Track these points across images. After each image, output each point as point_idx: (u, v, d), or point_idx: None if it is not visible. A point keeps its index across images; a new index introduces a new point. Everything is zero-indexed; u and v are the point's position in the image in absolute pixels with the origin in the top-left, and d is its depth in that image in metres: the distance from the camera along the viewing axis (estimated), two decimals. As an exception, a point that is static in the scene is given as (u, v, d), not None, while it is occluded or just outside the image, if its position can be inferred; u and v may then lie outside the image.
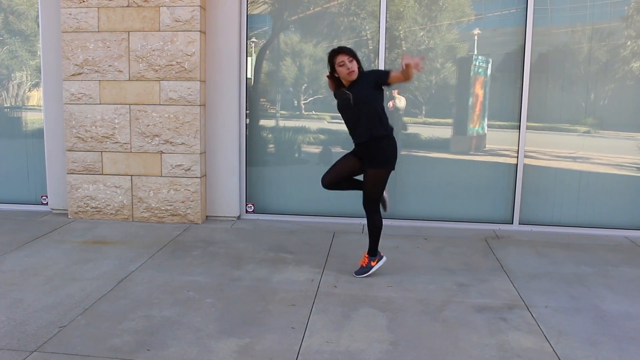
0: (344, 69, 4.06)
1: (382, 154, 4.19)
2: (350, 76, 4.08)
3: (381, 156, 4.19)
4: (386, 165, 4.21)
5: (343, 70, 4.07)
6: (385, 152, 4.20)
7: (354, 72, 4.07)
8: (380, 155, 4.18)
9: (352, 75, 4.07)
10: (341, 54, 4.08)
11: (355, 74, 4.09)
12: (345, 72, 4.07)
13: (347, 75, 4.09)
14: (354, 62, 4.08)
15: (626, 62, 5.78)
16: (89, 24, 5.75)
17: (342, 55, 4.07)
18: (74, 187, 6.01)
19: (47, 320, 3.48)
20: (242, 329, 3.42)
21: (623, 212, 5.91)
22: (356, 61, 4.10)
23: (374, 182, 4.23)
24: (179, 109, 5.76)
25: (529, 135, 5.89)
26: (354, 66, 4.07)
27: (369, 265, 4.38)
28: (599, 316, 3.69)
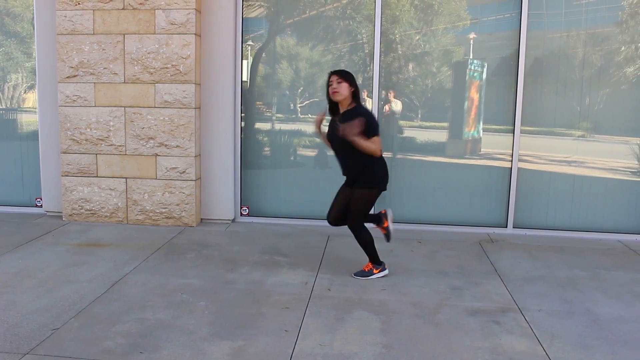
0: (330, 88, 4.13)
1: (368, 176, 4.19)
2: (334, 96, 4.12)
3: (368, 177, 4.19)
4: (373, 185, 4.21)
5: (330, 89, 4.14)
6: (372, 173, 4.19)
7: (337, 92, 4.09)
8: (366, 177, 4.19)
9: (335, 95, 4.11)
10: (334, 74, 4.15)
11: (339, 95, 4.11)
12: (330, 91, 4.13)
13: (331, 95, 4.14)
14: (342, 84, 4.09)
15: (620, 67, 5.81)
16: (85, 27, 5.75)
17: (334, 75, 4.14)
18: (69, 189, 6.00)
19: (40, 323, 3.47)
20: (236, 331, 3.42)
21: (617, 216, 5.93)
22: (349, 84, 4.11)
23: (359, 201, 4.23)
24: (174, 111, 5.76)
25: (524, 139, 5.91)
26: (341, 88, 4.09)
27: (371, 272, 4.42)
28: (591, 320, 3.70)
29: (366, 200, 4.23)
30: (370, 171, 4.18)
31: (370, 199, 4.24)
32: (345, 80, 4.10)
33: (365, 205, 4.25)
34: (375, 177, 4.20)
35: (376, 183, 4.21)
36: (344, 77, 4.11)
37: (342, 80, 4.09)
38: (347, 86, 4.10)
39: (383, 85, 6.03)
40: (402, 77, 6.07)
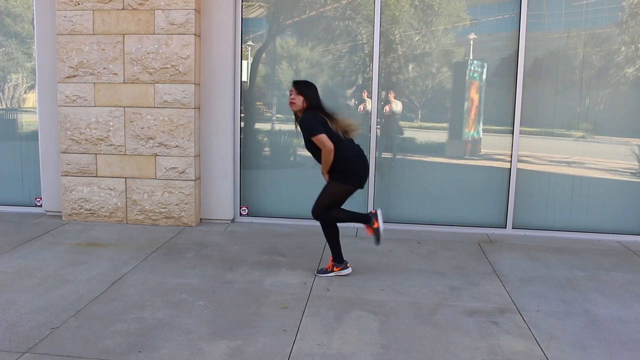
0: (289, 98, 4.37)
1: (341, 170, 4.29)
2: (290, 107, 4.37)
3: (340, 170, 4.29)
4: (346, 180, 4.30)
5: (289, 99, 4.37)
6: (345, 168, 4.29)
7: (293, 103, 4.32)
8: (340, 171, 4.29)
9: (292, 106, 4.35)
10: (293, 85, 4.37)
11: (295, 107, 4.33)
12: (289, 100, 4.37)
13: (289, 104, 4.38)
14: (299, 96, 4.29)
15: (620, 68, 5.81)
16: (84, 27, 5.76)
17: (293, 86, 4.36)
18: (68, 189, 6.01)
19: (39, 322, 3.48)
20: (234, 331, 3.42)
21: (616, 216, 5.94)
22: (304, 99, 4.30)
23: (327, 192, 4.35)
24: (174, 111, 5.77)
25: (523, 140, 5.92)
26: (297, 99, 4.30)
27: (331, 269, 4.48)
28: (590, 320, 3.70)
29: (335, 192, 4.33)
30: (343, 166, 4.28)
31: (340, 192, 4.33)
32: (300, 94, 4.30)
33: (332, 197, 4.34)
34: (348, 172, 4.28)
35: (349, 178, 4.29)
36: (301, 91, 4.31)
37: (298, 93, 4.30)
38: (302, 99, 4.29)
39: (383, 85, 6.04)
40: (402, 78, 6.07)
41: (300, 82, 4.40)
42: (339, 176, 4.30)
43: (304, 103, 4.30)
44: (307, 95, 4.32)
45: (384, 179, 6.14)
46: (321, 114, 4.28)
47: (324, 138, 4.18)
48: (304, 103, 4.30)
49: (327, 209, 4.36)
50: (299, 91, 4.30)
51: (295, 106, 4.32)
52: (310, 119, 4.25)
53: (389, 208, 6.13)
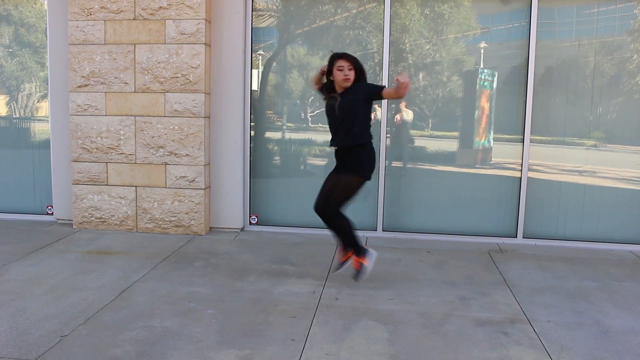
0: (341, 74, 4.10)
1: (355, 161, 4.18)
2: (344, 83, 4.12)
3: (354, 162, 4.18)
4: (358, 172, 4.17)
5: (339, 75, 4.11)
6: (360, 159, 4.18)
7: (349, 79, 4.10)
8: (353, 162, 4.18)
9: (347, 82, 4.11)
10: (343, 59, 4.11)
11: (350, 82, 4.12)
12: (341, 77, 4.11)
13: (341, 81, 4.13)
14: (352, 70, 4.10)
15: (633, 76, 5.78)
16: (96, 37, 5.82)
17: (344, 60, 4.11)
18: (79, 197, 6.05)
19: (49, 330, 3.50)
20: (243, 340, 3.42)
21: (628, 226, 5.88)
22: (355, 71, 4.11)
23: (341, 188, 4.19)
24: (184, 120, 5.80)
25: (534, 149, 5.89)
26: (352, 75, 4.10)
27: (363, 267, 4.30)
28: (602, 331, 3.66)
29: (349, 187, 4.18)
30: (359, 153, 4.17)
31: (353, 186, 4.19)
32: (355, 67, 4.10)
33: (346, 193, 4.20)
34: (362, 163, 4.17)
35: (362, 170, 4.17)
36: (355, 64, 4.11)
37: (352, 66, 4.09)
38: (354, 73, 4.12)
39: (392, 94, 6.03)
40: (412, 87, 6.07)
41: (350, 55, 4.16)
42: (353, 168, 4.17)
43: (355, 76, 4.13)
44: (363, 71, 4.17)
45: (394, 187, 6.12)
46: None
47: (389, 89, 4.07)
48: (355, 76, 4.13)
49: (340, 205, 4.25)
50: (355, 66, 4.11)
51: (350, 82, 4.12)
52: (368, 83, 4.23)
53: (398, 217, 6.12)
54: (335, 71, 4.13)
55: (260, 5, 6.16)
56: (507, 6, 5.92)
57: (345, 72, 4.09)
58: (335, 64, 4.13)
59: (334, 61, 4.15)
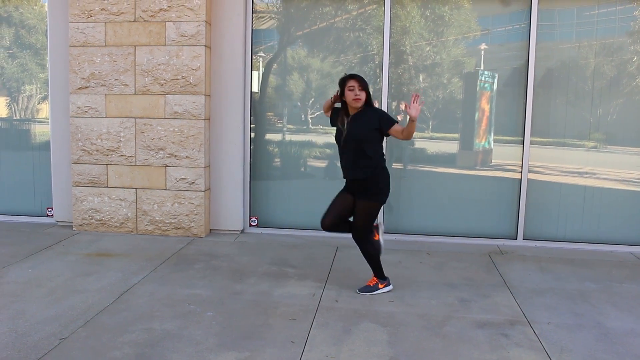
0: (352, 93, 4.08)
1: (373, 187, 4.18)
2: (356, 103, 4.09)
3: (372, 189, 4.17)
4: (377, 198, 4.19)
5: (350, 95, 4.09)
6: (377, 184, 4.19)
7: (360, 99, 4.08)
8: (371, 188, 4.17)
9: (358, 102, 4.09)
10: (353, 79, 4.12)
11: (361, 102, 4.10)
12: (352, 96, 4.08)
13: (352, 101, 4.10)
14: (363, 92, 4.09)
15: (633, 78, 5.77)
16: (96, 39, 5.82)
17: (354, 80, 4.11)
18: (79, 199, 6.05)
19: (48, 332, 3.49)
20: (242, 342, 3.41)
21: (628, 227, 5.87)
22: (365, 92, 4.12)
23: (363, 214, 4.20)
24: (184, 122, 5.80)
25: (534, 150, 5.88)
26: (362, 95, 4.09)
27: (376, 287, 4.35)
28: (602, 333, 3.66)
29: (370, 212, 4.20)
30: (376, 181, 4.18)
31: (374, 211, 4.21)
32: (364, 88, 4.12)
33: (370, 217, 4.22)
34: (380, 189, 4.20)
35: (380, 195, 4.21)
36: (365, 86, 4.13)
37: (362, 87, 4.10)
38: (365, 94, 4.12)
39: (393, 96, 6.04)
40: (412, 88, 6.07)
41: (360, 77, 4.17)
42: (372, 194, 4.18)
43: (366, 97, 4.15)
44: (368, 91, 4.18)
45: (394, 189, 6.11)
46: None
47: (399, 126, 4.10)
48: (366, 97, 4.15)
49: (368, 230, 4.30)
50: (363, 86, 4.11)
51: (362, 102, 4.11)
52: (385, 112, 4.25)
53: (399, 219, 6.12)
54: (347, 91, 4.12)
55: (261, 7, 6.16)
56: (507, 8, 5.93)
57: (356, 92, 4.08)
58: (346, 84, 4.13)
59: (345, 82, 4.16)
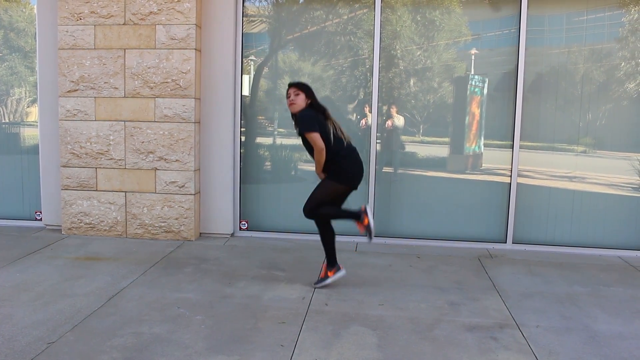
0: (288, 100, 4.37)
1: (336, 168, 4.33)
2: (291, 108, 4.37)
3: (335, 169, 4.33)
4: (340, 178, 4.34)
5: (287, 101, 4.38)
6: (339, 166, 4.32)
7: (293, 104, 4.33)
8: (335, 168, 4.33)
9: (291, 107, 4.35)
10: (291, 87, 4.38)
11: (295, 107, 4.33)
12: (288, 102, 4.37)
13: (288, 106, 4.40)
14: (300, 95, 4.32)
15: (621, 83, 5.82)
16: (86, 42, 5.80)
17: (290, 88, 4.37)
18: (68, 203, 6.01)
19: (36, 336, 3.46)
20: (231, 346, 3.40)
21: (617, 232, 5.91)
22: (305, 95, 4.33)
23: (321, 188, 4.38)
24: (174, 126, 5.78)
25: (524, 155, 5.91)
26: (297, 99, 4.31)
27: (326, 276, 4.49)
28: (590, 336, 3.67)
29: (329, 189, 4.36)
30: (337, 164, 4.32)
31: (334, 190, 4.36)
32: (302, 91, 4.33)
33: (326, 194, 4.36)
34: (342, 170, 4.33)
35: (342, 177, 4.34)
36: (303, 89, 4.34)
37: (299, 91, 4.32)
38: (303, 98, 4.32)
39: (384, 100, 6.05)
40: (403, 93, 6.09)
41: (298, 82, 4.44)
42: (332, 174, 4.35)
43: (305, 102, 4.34)
44: (308, 93, 4.37)
45: (384, 193, 6.13)
46: (319, 113, 4.35)
47: (317, 137, 4.22)
48: (305, 102, 4.34)
49: (318, 206, 4.38)
50: (299, 89, 4.33)
51: (297, 106, 4.33)
52: (308, 116, 4.30)
53: (389, 222, 6.12)
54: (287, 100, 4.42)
55: (252, 11, 6.16)
56: (497, 13, 5.96)
57: (291, 97, 4.34)
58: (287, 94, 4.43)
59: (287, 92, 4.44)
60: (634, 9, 5.73)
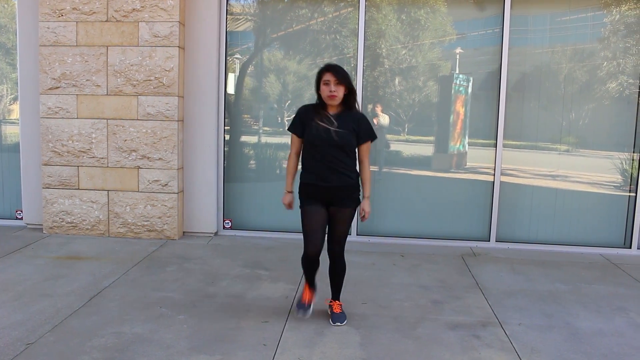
0: (327, 88, 3.52)
1: (356, 192, 3.70)
2: (331, 100, 3.53)
3: (356, 193, 3.69)
4: (358, 202, 3.74)
5: (325, 90, 3.53)
6: (358, 189, 3.72)
7: (336, 96, 3.52)
8: (355, 193, 3.68)
9: (334, 99, 3.52)
10: (329, 72, 3.53)
11: (337, 99, 3.54)
12: (327, 92, 3.52)
13: (327, 98, 3.54)
14: (340, 86, 3.52)
15: (603, 83, 5.87)
16: (67, 38, 5.73)
17: (330, 74, 3.52)
18: (50, 201, 5.94)
19: (14, 337, 3.42)
20: (214, 345, 3.38)
21: (598, 229, 5.96)
22: (345, 87, 3.55)
23: (347, 222, 3.71)
24: (157, 124, 5.74)
25: (507, 153, 5.94)
26: (339, 91, 3.52)
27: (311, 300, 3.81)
28: (571, 333, 3.70)
29: (352, 219, 3.73)
30: (358, 183, 3.71)
31: (353, 216, 3.76)
32: (343, 83, 3.53)
33: (350, 225, 3.78)
34: (359, 192, 3.73)
35: (359, 199, 3.74)
36: (343, 80, 3.53)
37: (339, 82, 3.51)
38: (343, 89, 3.55)
39: (369, 99, 6.05)
40: (388, 91, 6.10)
41: (338, 68, 3.56)
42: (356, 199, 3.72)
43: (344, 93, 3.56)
44: (350, 83, 3.58)
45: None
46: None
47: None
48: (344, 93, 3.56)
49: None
50: (342, 82, 3.53)
51: (338, 99, 3.54)
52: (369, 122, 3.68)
53: (373, 221, 6.12)
54: (322, 85, 3.56)
55: (236, 9, 6.13)
56: (481, 12, 5.98)
57: (332, 87, 3.51)
58: (322, 77, 3.57)
59: (321, 74, 3.59)
60: (616, 10, 5.78)
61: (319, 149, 3.58)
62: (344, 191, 3.63)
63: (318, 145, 3.58)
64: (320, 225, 3.64)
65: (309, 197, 3.66)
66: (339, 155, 3.58)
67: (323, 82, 3.55)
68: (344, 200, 3.65)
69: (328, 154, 3.57)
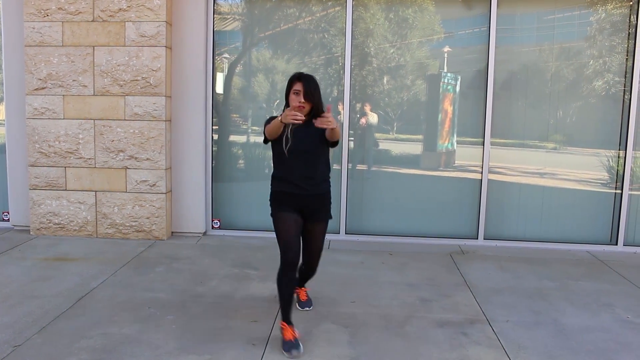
0: (296, 98, 3.37)
1: (329, 204, 3.66)
2: (299, 110, 3.31)
3: (329, 205, 3.66)
4: (330, 215, 3.70)
5: (294, 99, 3.38)
6: (330, 200, 3.68)
7: (304, 107, 3.36)
8: (328, 205, 3.65)
9: (301, 110, 3.34)
10: (301, 82, 3.39)
11: (305, 111, 3.37)
12: (296, 102, 3.36)
13: (295, 108, 3.32)
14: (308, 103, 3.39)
15: (590, 81, 5.91)
16: (53, 38, 5.69)
17: (300, 84, 3.38)
18: (37, 203, 5.90)
19: (1, 340, 3.39)
20: (202, 346, 3.38)
21: (585, 227, 6.01)
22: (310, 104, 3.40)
23: (322, 238, 3.69)
24: (144, 124, 5.71)
25: (494, 151, 5.98)
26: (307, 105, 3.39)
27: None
28: (558, 330, 3.73)
29: (325, 233, 3.70)
30: (329, 196, 3.66)
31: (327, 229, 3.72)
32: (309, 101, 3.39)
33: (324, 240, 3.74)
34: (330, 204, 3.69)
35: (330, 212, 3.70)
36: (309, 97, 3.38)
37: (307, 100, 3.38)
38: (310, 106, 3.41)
39: (358, 98, 6.06)
40: (377, 90, 6.11)
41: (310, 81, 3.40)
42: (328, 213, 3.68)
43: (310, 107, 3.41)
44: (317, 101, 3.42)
45: (357, 190, 6.14)
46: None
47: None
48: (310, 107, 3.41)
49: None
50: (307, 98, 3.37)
51: (305, 111, 3.37)
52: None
53: (361, 220, 6.14)
54: (292, 95, 3.42)
55: (224, 8, 6.12)
56: (469, 11, 6.01)
57: (301, 98, 3.37)
58: (292, 87, 3.43)
59: (291, 83, 3.45)
60: (602, 9, 5.83)
61: (290, 156, 3.44)
62: (319, 199, 3.56)
63: (291, 152, 3.43)
64: (296, 230, 3.48)
65: (281, 205, 3.54)
66: (311, 161, 3.50)
67: (293, 91, 3.40)
68: (319, 214, 3.58)
69: (298, 162, 3.46)
